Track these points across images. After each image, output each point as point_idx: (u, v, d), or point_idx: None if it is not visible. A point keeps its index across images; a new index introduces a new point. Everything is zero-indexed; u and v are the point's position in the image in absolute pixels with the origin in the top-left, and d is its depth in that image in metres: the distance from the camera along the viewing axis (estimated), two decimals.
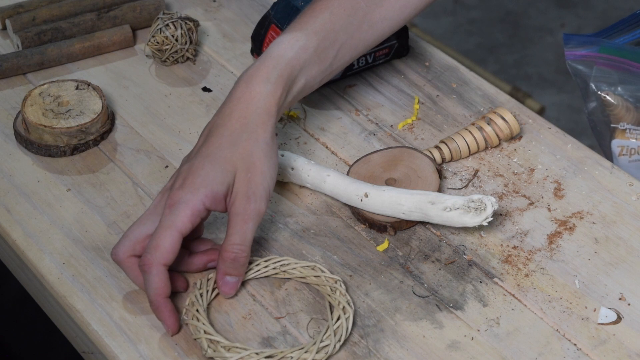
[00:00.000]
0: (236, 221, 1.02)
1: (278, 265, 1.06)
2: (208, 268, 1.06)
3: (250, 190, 1.02)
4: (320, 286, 1.04)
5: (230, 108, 1.05)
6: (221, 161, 1.03)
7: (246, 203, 1.02)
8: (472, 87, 1.28)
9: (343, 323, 1.00)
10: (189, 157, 1.06)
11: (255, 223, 1.03)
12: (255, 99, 1.05)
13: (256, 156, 1.03)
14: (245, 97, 1.05)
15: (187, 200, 1.01)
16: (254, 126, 1.04)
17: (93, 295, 1.04)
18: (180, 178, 1.03)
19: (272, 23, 1.26)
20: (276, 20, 1.25)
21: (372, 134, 1.22)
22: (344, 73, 1.27)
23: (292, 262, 1.05)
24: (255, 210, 1.02)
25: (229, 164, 1.03)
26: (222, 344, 0.98)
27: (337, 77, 1.27)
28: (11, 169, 1.17)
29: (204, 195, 1.01)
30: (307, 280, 1.05)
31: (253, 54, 1.30)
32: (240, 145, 1.03)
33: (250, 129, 1.04)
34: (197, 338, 0.99)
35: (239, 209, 1.02)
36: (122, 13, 1.33)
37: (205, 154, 1.03)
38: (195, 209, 1.01)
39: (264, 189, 1.03)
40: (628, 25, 1.29)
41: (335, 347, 0.99)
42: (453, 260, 1.09)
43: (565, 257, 1.09)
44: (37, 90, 1.21)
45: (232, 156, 1.03)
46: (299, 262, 1.05)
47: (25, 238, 1.10)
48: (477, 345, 1.01)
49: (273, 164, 1.05)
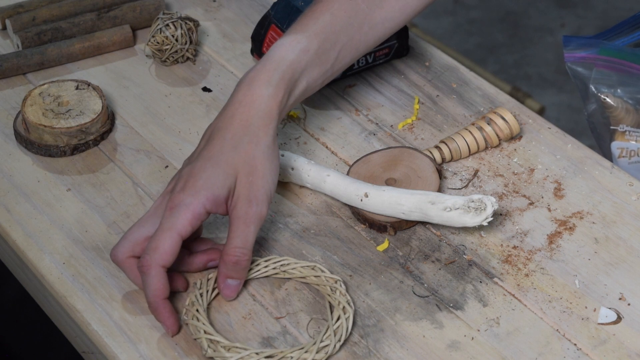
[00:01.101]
0: (238, 224, 1.02)
1: (278, 265, 1.06)
2: (208, 267, 1.06)
3: (251, 194, 1.02)
4: (320, 286, 1.04)
5: (232, 111, 1.05)
6: (222, 164, 1.03)
7: (248, 206, 1.02)
8: (472, 87, 1.28)
9: (343, 323, 1.00)
10: (190, 159, 1.06)
11: (256, 226, 1.03)
12: (256, 102, 1.05)
13: (258, 159, 1.03)
14: (247, 100, 1.05)
15: (188, 203, 1.01)
16: (256, 129, 1.04)
17: (93, 295, 1.04)
18: (181, 181, 1.03)
19: (272, 23, 1.26)
20: (276, 20, 1.25)
21: (372, 134, 1.22)
22: (343, 73, 1.27)
23: (292, 262, 1.05)
24: (256, 213, 1.02)
25: (230, 167, 1.03)
26: (222, 344, 0.98)
27: (337, 77, 1.27)
28: (11, 169, 1.17)
29: (205, 198, 1.01)
30: (307, 280, 1.05)
31: (253, 54, 1.30)
32: (242, 149, 1.03)
33: (252, 132, 1.04)
34: (197, 338, 0.99)
35: (240, 212, 1.02)
36: (122, 13, 1.33)
37: (207, 156, 1.03)
38: (196, 212, 1.01)
39: (265, 192, 1.03)
40: (628, 27, 1.29)
41: (335, 347, 0.99)
42: (453, 260, 1.09)
43: (565, 257, 1.09)
44: (37, 90, 1.21)
45: (234, 159, 1.03)
46: (298, 262, 1.05)
47: (25, 238, 1.10)
48: (477, 345, 1.01)
49: (274, 167, 1.05)
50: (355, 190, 1.10)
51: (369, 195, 1.09)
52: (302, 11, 1.22)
